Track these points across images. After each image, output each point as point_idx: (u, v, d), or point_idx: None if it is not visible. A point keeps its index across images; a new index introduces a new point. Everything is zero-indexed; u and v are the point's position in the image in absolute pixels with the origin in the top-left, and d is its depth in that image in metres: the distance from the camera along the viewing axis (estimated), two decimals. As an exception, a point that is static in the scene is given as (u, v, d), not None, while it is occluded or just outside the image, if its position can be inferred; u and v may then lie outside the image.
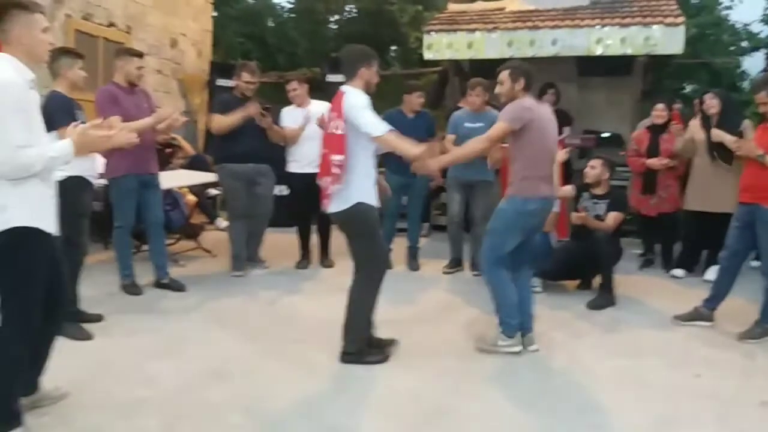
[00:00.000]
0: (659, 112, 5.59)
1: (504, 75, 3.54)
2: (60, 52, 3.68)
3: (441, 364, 3.38)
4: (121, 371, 3.19)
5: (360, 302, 3.35)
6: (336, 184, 3.22)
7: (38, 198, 2.42)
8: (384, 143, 3.27)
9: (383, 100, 3.44)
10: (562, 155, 4.78)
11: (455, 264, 5.57)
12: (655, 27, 6.58)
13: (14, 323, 2.38)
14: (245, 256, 5.32)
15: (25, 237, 2.36)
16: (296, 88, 5.43)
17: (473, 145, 3.61)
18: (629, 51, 6.74)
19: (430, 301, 4.65)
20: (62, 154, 2.38)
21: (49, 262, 2.47)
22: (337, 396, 2.98)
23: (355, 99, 3.22)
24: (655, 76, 8.64)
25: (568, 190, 4.90)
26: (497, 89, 3.60)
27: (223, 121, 5.04)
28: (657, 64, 7.84)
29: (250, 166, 5.13)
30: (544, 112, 3.57)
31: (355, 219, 3.30)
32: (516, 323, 3.56)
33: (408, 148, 3.29)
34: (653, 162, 5.47)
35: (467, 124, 5.19)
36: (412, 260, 5.68)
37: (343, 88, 3.31)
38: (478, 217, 5.34)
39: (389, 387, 3.08)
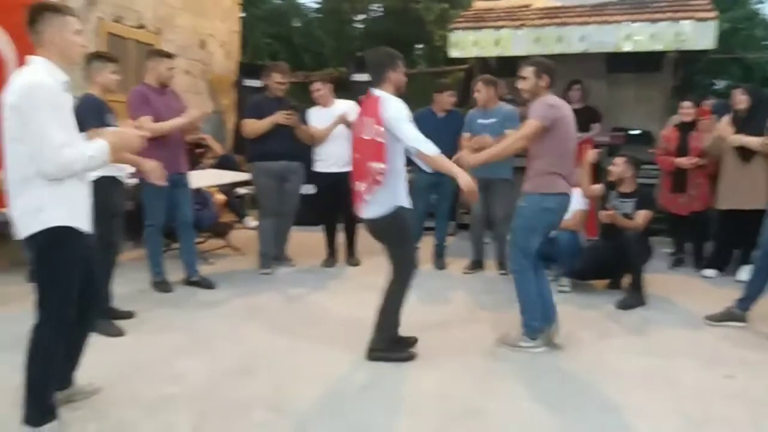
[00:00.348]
0: (686, 110, 5.50)
1: (528, 71, 3.52)
2: (92, 57, 3.77)
3: (467, 362, 3.37)
4: (151, 367, 3.25)
5: (393, 302, 3.36)
6: (376, 190, 3.20)
7: (74, 197, 2.47)
8: (433, 164, 3.21)
9: (408, 100, 3.42)
10: (592, 156, 4.73)
11: (476, 266, 5.54)
12: (685, 22, 6.46)
13: (50, 320, 2.44)
14: (273, 254, 5.38)
15: (62, 236, 2.42)
16: (320, 89, 5.45)
17: (510, 144, 3.59)
18: (659, 47, 6.63)
19: (456, 300, 4.64)
20: (99, 154, 2.43)
21: (83, 260, 2.53)
22: (363, 394, 3.00)
23: (395, 109, 3.18)
24: (686, 72, 8.46)
25: (598, 189, 4.84)
26: (520, 84, 3.58)
27: (255, 126, 5.13)
28: (688, 59, 7.67)
29: (282, 164, 5.20)
30: (567, 109, 3.56)
31: (394, 224, 3.28)
32: (539, 325, 3.55)
33: (458, 172, 3.19)
34: (682, 161, 5.39)
35: (480, 121, 5.18)
36: (439, 259, 5.67)
37: (377, 92, 3.27)
38: (499, 217, 5.28)
39: (415, 385, 3.08)
